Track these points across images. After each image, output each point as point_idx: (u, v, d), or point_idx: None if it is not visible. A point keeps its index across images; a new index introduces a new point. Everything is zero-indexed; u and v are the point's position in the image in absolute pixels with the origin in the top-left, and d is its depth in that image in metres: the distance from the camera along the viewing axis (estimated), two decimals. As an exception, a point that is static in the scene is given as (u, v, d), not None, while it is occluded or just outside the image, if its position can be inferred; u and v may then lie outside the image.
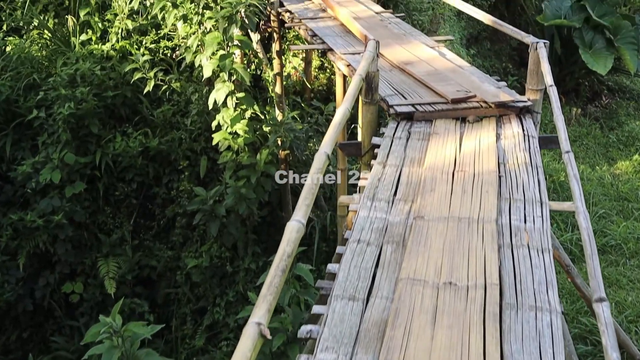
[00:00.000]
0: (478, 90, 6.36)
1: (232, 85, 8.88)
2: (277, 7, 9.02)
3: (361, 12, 8.74)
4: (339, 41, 7.69)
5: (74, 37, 10.70)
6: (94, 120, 9.92)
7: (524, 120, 6.12)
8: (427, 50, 7.43)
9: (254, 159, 9.13)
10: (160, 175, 10.34)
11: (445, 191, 4.86)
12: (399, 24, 8.52)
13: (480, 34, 17.10)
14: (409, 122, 6.09)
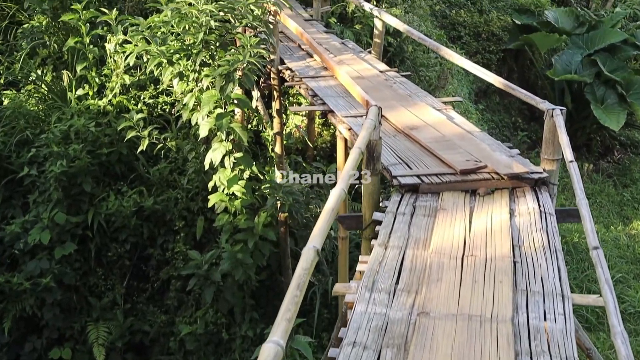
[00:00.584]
0: (489, 159, 5.81)
1: (229, 144, 8.40)
2: (277, 64, 8.57)
3: (365, 71, 8.27)
4: (341, 102, 7.19)
5: (70, 92, 10.29)
6: (87, 178, 9.46)
7: (539, 194, 5.55)
8: (434, 114, 6.92)
9: (252, 222, 8.59)
10: (155, 236, 9.81)
11: (454, 280, 4.27)
12: (404, 83, 8.03)
13: (489, 88, 16.65)
14: (414, 194, 5.54)
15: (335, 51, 9.03)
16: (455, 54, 7.13)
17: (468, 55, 16.49)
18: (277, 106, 8.68)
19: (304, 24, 10.44)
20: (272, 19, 8.38)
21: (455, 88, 13.42)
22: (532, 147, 16.27)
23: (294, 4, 11.81)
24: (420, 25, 12.07)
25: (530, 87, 17.89)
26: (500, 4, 17.89)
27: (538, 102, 6.05)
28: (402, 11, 11.61)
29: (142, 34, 7.95)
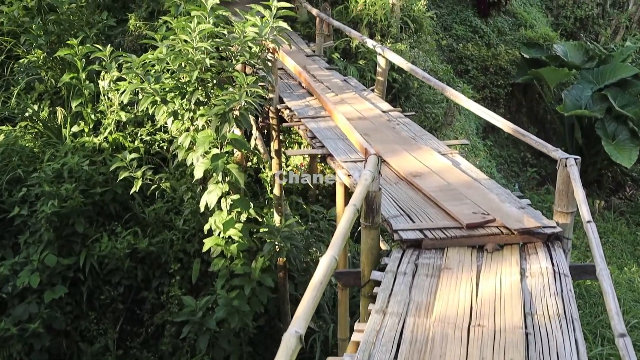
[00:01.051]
0: (498, 212, 5.35)
1: (226, 186, 7.98)
2: (276, 103, 8.17)
3: (367, 111, 7.85)
4: (340, 145, 6.76)
5: (64, 129, 9.93)
6: (80, 218, 9.08)
7: (552, 250, 5.07)
8: (438, 159, 6.47)
9: (249, 268, 8.14)
10: (149, 279, 9.37)
11: (459, 356, 3.78)
12: (408, 125, 7.59)
13: (497, 123, 16.20)
14: (416, 250, 5.07)
15: (337, 89, 8.63)
16: (461, 95, 6.70)
17: (476, 89, 16.13)
18: (275, 146, 8.27)
19: (305, 60, 10.07)
20: (271, 57, 7.99)
21: (463, 124, 13.00)
22: (542, 184, 15.79)
23: (296, 39, 11.47)
24: (426, 60, 11.70)
25: (539, 122, 17.47)
26: (509, 37, 17.53)
27: (550, 149, 5.59)
28: (408, 46, 11.25)
29: (134, 72, 7.58)
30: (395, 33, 11.30)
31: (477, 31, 17.16)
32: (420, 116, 11.03)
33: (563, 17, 19.68)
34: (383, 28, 11.34)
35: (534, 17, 18.67)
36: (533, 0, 19.79)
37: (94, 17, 10.54)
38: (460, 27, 16.99)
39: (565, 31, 19.23)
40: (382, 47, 8.37)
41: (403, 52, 11.04)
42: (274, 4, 7.66)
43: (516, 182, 15.63)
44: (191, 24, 7.34)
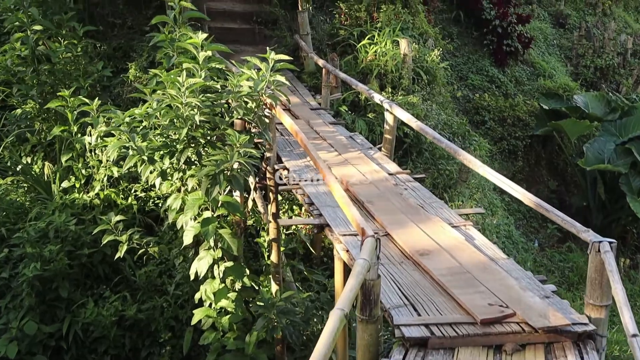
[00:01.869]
0: (518, 304, 4.49)
1: (219, 252, 7.21)
2: (273, 163, 7.41)
3: (372, 174, 7.05)
4: (340, 214, 5.94)
5: (54, 184, 9.26)
6: (64, 282, 8.39)
7: (584, 352, 4.19)
8: (450, 233, 5.63)
9: (242, 342, 7.30)
10: (138, 348, 8.58)
11: None
12: (416, 190, 6.77)
13: (516, 176, 15.35)
14: (421, 349, 4.21)
15: (341, 147, 7.86)
16: (475, 160, 5.89)
17: (493, 141, 15.33)
18: (273, 209, 7.48)
19: (310, 114, 9.34)
20: (268, 113, 7.27)
21: (479, 180, 12.15)
22: (563, 240, 14.80)
23: (302, 90, 10.79)
24: (440, 113, 10.95)
25: (560, 175, 16.57)
26: (527, 87, 16.77)
27: (579, 230, 4.75)
28: (420, 99, 10.53)
29: (119, 129, 6.89)
30: (407, 85, 10.59)
31: (494, 81, 16.42)
32: (433, 173, 10.24)
33: (583, 66, 18.90)
34: (394, 79, 10.63)
35: (552, 67, 17.91)
36: (551, 50, 19.06)
37: (91, 67, 9.94)
38: (477, 76, 16.27)
39: (585, 81, 18.42)
40: (389, 103, 7.61)
41: (415, 104, 10.31)
42: (271, 57, 6.97)
43: (536, 238, 14.68)
44: (180, 78, 6.65)
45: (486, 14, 16.60)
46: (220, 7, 13.41)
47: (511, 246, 12.43)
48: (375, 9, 11.82)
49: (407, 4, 12.09)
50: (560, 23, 20.11)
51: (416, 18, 12.06)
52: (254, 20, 13.30)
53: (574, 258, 13.80)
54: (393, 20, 11.48)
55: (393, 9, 11.59)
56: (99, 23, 11.81)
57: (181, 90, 6.69)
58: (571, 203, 15.80)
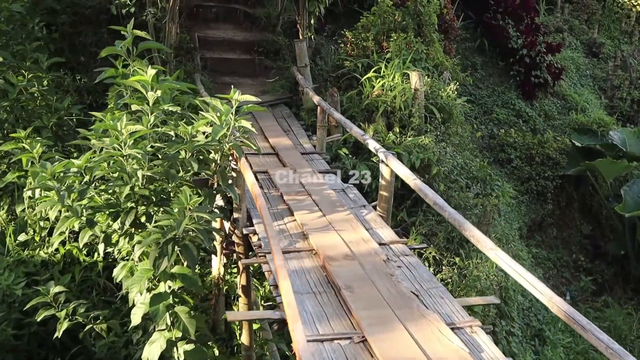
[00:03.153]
0: None
1: (176, 332, 5.80)
2: (242, 226, 5.94)
3: (359, 244, 5.51)
4: (309, 306, 4.41)
5: (9, 238, 7.94)
6: (9, 356, 7.00)
7: None
8: (449, 342, 4.07)
9: None
10: None
11: None
12: (413, 268, 5.21)
13: (545, 220, 13.67)
14: None
15: (327, 205, 6.35)
16: (486, 240, 4.31)
17: (519, 182, 13.69)
18: (242, 282, 6.02)
19: (300, 160, 7.88)
20: (234, 165, 5.85)
21: (503, 228, 10.54)
22: (598, 293, 13.03)
23: (297, 129, 9.36)
24: (456, 156, 9.40)
25: (594, 217, 14.79)
26: (557, 122, 15.10)
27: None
28: (433, 140, 9.00)
29: (47, 184, 5.53)
30: (418, 124, 9.09)
31: (521, 115, 14.79)
32: (447, 226, 8.68)
33: (618, 99, 17.16)
34: (403, 118, 9.15)
35: (585, 100, 16.20)
36: (584, 81, 17.36)
37: (56, 103, 8.66)
38: (502, 110, 14.67)
39: (621, 115, 16.66)
40: (385, 153, 6.09)
41: (427, 147, 8.79)
42: (235, 97, 5.56)
43: (568, 290, 12.94)
44: (119, 123, 5.28)
45: (513, 42, 15.05)
46: (219, 36, 12.11)
47: (540, 304, 10.74)
48: (384, 37, 10.38)
49: (420, 32, 10.63)
50: (594, 52, 18.42)
51: (430, 48, 10.57)
52: (255, 50, 11.99)
53: (611, 315, 12.03)
54: (404, 50, 10.02)
55: (404, 37, 10.13)
56: (80, 53, 10.60)
57: (120, 140, 5.31)
58: (607, 250, 14.01)
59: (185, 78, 10.21)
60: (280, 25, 12.51)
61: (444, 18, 12.47)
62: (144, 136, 5.66)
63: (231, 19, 12.69)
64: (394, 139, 8.92)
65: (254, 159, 7.92)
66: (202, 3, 12.63)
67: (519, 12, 15.68)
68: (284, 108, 10.20)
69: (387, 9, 10.60)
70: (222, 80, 11.30)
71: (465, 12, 15.44)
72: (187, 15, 12.29)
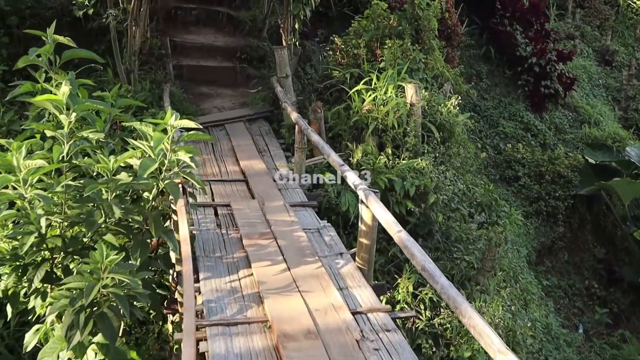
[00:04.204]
0: None
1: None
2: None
3: (325, 313, 4.20)
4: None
5: None
6: None
7: None
8: None
9: None
10: None
11: None
12: (394, 351, 3.90)
13: (555, 243, 12.34)
14: None
15: (294, 254, 5.05)
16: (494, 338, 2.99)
17: (528, 201, 12.38)
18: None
19: (271, 189, 6.58)
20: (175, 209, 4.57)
21: (510, 261, 9.22)
22: (614, 326, 11.68)
23: (275, 150, 8.07)
24: (456, 182, 8.10)
25: (608, 239, 13.43)
26: (569, 136, 13.77)
27: None
28: (431, 162, 7.71)
29: None
30: (413, 144, 7.80)
31: (529, 129, 13.46)
32: (446, 264, 7.38)
33: (633, 110, 15.82)
34: (397, 137, 7.86)
35: (599, 112, 14.84)
36: (597, 91, 16.01)
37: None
38: (509, 123, 13.35)
39: (638, 129, 15.30)
40: (365, 191, 4.78)
41: (423, 171, 7.50)
42: (170, 122, 4.28)
43: (580, 322, 11.60)
44: (16, 157, 4.02)
45: (521, 50, 13.74)
46: (198, 41, 10.84)
47: (551, 345, 9.42)
48: (378, 44, 9.09)
49: (418, 39, 9.32)
50: (607, 60, 17.06)
51: (430, 56, 9.26)
52: (237, 57, 10.71)
53: (629, 353, 10.69)
54: (400, 59, 8.72)
55: (400, 44, 8.83)
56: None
57: (19, 177, 4.05)
58: (623, 276, 12.65)
59: (153, 89, 8.96)
60: (267, 30, 11.24)
61: (446, 23, 11.16)
62: (60, 171, 4.42)
63: (213, 23, 11.42)
64: (385, 161, 7.63)
65: (219, 188, 6.65)
66: (181, 5, 11.36)
67: (527, 18, 14.38)
68: (263, 124, 8.91)
69: (381, 13, 9.31)
70: (199, 90, 10.03)
71: (469, 16, 14.12)
72: (164, 17, 11.04)
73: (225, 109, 9.47)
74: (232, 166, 7.32)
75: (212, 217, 5.89)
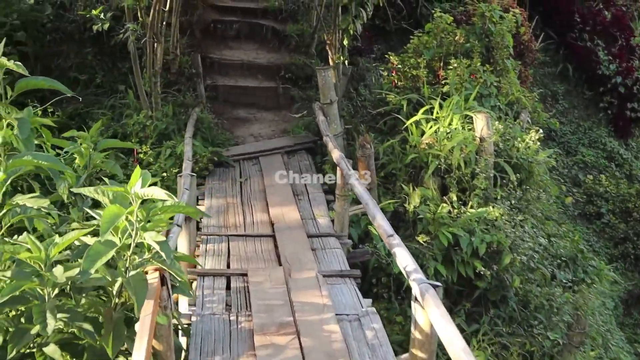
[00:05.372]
0: None
1: None
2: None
3: None
4: None
5: None
6: None
7: None
8: None
9: None
10: None
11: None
12: None
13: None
14: None
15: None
16: None
17: (612, 243, 10.56)
18: None
19: (303, 250, 5.12)
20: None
21: (597, 323, 7.50)
22: None
23: (314, 192, 6.61)
24: (537, 235, 6.46)
25: None
26: (660, 167, 11.85)
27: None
28: (506, 211, 6.12)
29: None
30: (484, 188, 6.24)
31: (613, 157, 11.62)
32: (524, 342, 5.76)
33: None
34: (463, 179, 6.31)
35: (694, 138, 12.84)
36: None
37: None
38: (589, 151, 11.55)
39: None
40: (422, 285, 3.24)
41: (496, 224, 5.93)
42: (134, 190, 2.86)
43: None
44: None
45: (603, 68, 11.93)
46: (238, 58, 9.53)
47: None
48: (441, 64, 7.55)
49: (489, 58, 7.73)
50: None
51: (503, 79, 7.66)
52: (281, 76, 9.34)
53: None
54: (467, 83, 7.17)
55: (468, 65, 7.28)
56: (58, 79, 8.19)
57: None
58: None
59: (179, 114, 7.67)
60: (315, 46, 9.84)
61: (520, 39, 9.52)
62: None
63: (256, 37, 10.10)
64: (449, 210, 6.09)
65: (239, 246, 5.26)
66: (221, 18, 10.08)
67: (610, 32, 12.54)
68: (304, 157, 7.47)
69: (445, 27, 7.78)
70: (235, 114, 8.70)
71: (544, 30, 12.39)
72: (202, 31, 9.79)
73: (263, 137, 8.10)
74: (260, 214, 5.91)
75: (222, 292, 4.51)
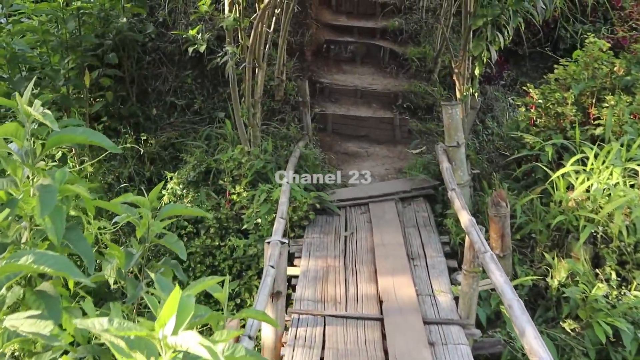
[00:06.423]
0: None
1: None
2: None
3: None
4: None
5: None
6: None
7: None
8: None
9: None
10: None
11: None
12: None
13: None
14: None
15: None
16: None
17: None
18: None
19: (418, 348, 3.98)
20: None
21: None
22: None
23: (434, 256, 5.43)
24: None
25: None
26: None
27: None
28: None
29: None
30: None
31: None
32: None
33: None
34: (624, 251, 4.95)
35: None
36: None
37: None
38: None
39: None
40: None
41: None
42: (166, 340, 1.86)
43: None
44: None
45: None
46: (351, 83, 8.54)
47: None
48: (593, 101, 6.16)
49: (658, 95, 6.25)
50: None
51: (675, 121, 6.17)
52: (398, 105, 8.25)
53: None
54: (628, 125, 5.76)
55: (629, 103, 5.88)
56: (153, 104, 7.56)
57: None
58: None
59: (280, 149, 6.75)
60: (438, 72, 8.67)
61: (684, 66, 7.87)
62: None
63: (372, 61, 9.08)
64: (605, 289, 4.74)
65: (335, 332, 4.21)
66: (336, 38, 9.14)
67: None
68: (422, 206, 6.27)
69: (599, 56, 6.37)
70: (344, 148, 7.69)
71: None
72: (313, 53, 8.89)
73: (375, 177, 7.01)
74: (365, 285, 4.83)
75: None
